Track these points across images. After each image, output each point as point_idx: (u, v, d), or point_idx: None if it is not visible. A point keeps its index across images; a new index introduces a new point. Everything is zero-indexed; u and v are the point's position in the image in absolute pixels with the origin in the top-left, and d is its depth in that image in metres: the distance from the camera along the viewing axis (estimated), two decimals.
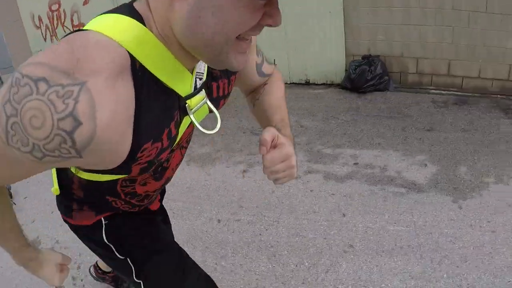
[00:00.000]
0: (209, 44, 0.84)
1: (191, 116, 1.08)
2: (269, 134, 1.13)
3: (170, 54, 0.93)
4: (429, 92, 6.06)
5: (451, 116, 5.28)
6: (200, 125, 1.11)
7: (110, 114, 0.79)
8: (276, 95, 1.48)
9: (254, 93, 1.52)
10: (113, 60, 0.81)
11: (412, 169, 4.26)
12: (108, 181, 1.28)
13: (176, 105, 1.04)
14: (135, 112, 0.88)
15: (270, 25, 0.85)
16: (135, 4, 0.92)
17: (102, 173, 1.19)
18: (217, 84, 1.22)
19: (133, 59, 0.86)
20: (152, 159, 1.05)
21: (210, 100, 1.16)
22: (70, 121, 0.75)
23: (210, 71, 1.14)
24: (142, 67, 0.88)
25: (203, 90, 1.11)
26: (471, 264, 3.09)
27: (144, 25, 0.89)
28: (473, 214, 3.58)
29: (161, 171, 1.37)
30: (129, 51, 0.85)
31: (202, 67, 1.09)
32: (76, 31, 0.85)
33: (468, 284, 2.94)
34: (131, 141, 0.90)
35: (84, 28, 0.88)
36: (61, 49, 0.80)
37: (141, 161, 1.01)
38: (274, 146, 1.16)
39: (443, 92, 6.02)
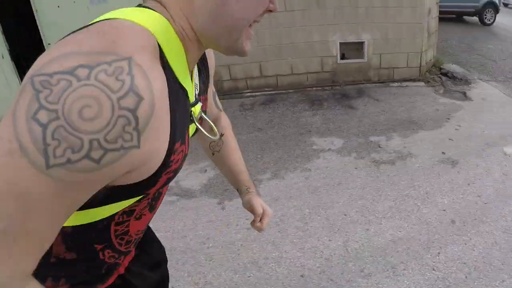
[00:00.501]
0: (232, 30, 0.84)
1: (197, 123, 0.99)
2: (261, 215, 1.45)
3: (184, 53, 0.86)
4: (243, 96, 6.03)
5: (252, 118, 5.25)
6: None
7: (161, 89, 0.70)
8: (236, 151, 1.56)
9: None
10: (149, 43, 0.72)
11: (191, 176, 4.15)
12: (103, 219, 0.97)
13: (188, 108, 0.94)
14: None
15: (271, 11, 0.90)
16: (145, 3, 0.84)
17: (114, 200, 0.91)
18: (203, 98, 1.14)
19: (160, 50, 0.76)
20: (178, 167, 0.91)
21: None
22: (132, 97, 0.62)
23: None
24: (166, 60, 0.77)
25: (200, 102, 1.05)
26: (215, 262, 2.98)
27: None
28: (234, 213, 3.48)
29: (157, 197, 1.12)
30: (158, 41, 0.75)
31: (196, 79, 1.03)
32: (96, 22, 0.71)
33: (206, 281, 2.83)
34: (169, 132, 0.77)
35: (103, 18, 0.74)
36: (86, 35, 0.66)
37: (170, 168, 0.85)
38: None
39: (257, 94, 6.01)
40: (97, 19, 0.74)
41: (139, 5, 0.83)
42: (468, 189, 3.86)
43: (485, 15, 14.85)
